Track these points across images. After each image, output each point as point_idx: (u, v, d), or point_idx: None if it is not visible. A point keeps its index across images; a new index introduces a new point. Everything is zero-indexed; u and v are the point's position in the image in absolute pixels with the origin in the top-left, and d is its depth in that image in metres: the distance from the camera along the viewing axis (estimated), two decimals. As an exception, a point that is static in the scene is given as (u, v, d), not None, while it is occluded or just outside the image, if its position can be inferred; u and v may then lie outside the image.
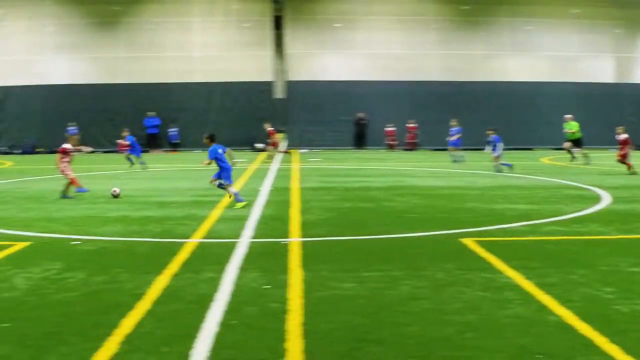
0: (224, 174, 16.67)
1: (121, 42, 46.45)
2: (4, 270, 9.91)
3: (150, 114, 44.22)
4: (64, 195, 18.69)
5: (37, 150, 43.66)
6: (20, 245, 11.83)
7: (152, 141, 44.35)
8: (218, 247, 11.68)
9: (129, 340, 6.85)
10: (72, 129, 42.72)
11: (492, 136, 27.30)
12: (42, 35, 46.24)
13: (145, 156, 34.55)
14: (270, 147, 35.31)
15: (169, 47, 46.16)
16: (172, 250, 11.26)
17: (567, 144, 32.50)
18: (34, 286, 9.01)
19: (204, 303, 8.10)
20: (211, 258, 10.64)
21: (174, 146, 44.78)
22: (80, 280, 9.28)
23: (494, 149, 26.88)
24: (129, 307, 7.95)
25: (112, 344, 6.72)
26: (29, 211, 16.26)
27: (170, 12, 46.21)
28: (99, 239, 12.52)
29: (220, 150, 16.66)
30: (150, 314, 7.73)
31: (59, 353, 6.52)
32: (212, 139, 16.94)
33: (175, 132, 44.77)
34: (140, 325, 7.31)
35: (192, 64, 46.02)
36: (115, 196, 18.39)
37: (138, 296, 8.42)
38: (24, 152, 43.36)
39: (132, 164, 29.26)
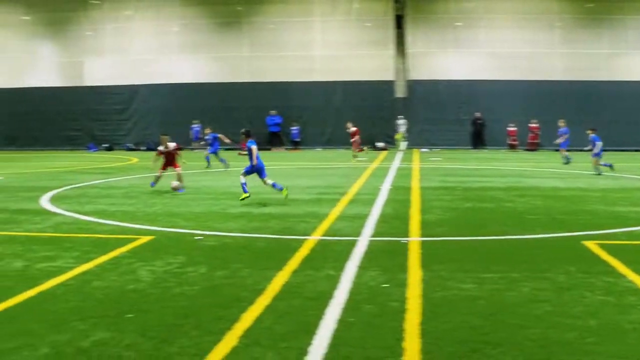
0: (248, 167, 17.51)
1: (244, 42, 47.14)
2: (129, 263, 10.20)
3: (272, 112, 44.75)
4: (178, 189, 19.24)
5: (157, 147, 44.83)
6: (144, 239, 12.15)
7: (273, 139, 44.86)
8: (338, 244, 11.70)
9: (248, 334, 6.93)
10: (195, 126, 43.71)
11: (591, 136, 26.40)
12: (167, 35, 47.40)
13: (267, 154, 34.94)
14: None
15: (291, 46, 46.56)
16: (292, 247, 11.35)
17: None
18: (157, 279, 9.23)
19: (322, 300, 8.12)
20: (331, 255, 10.67)
21: (295, 144, 45.17)
22: (201, 275, 9.46)
23: (594, 150, 25.97)
24: (249, 302, 8.05)
25: (232, 337, 6.81)
26: (153, 206, 16.68)
27: (292, 12, 46.61)
28: (221, 234, 12.73)
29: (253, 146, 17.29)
30: (269, 309, 7.81)
31: (179, 345, 6.66)
32: (247, 134, 17.76)
33: (297, 131, 45.15)
34: (259, 320, 7.39)
35: (313, 63, 46.29)
36: (175, 188, 19.32)
37: (258, 291, 8.52)
38: (148, 149, 44.50)
39: (209, 165, 29.14)
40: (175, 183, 19.35)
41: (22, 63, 49.36)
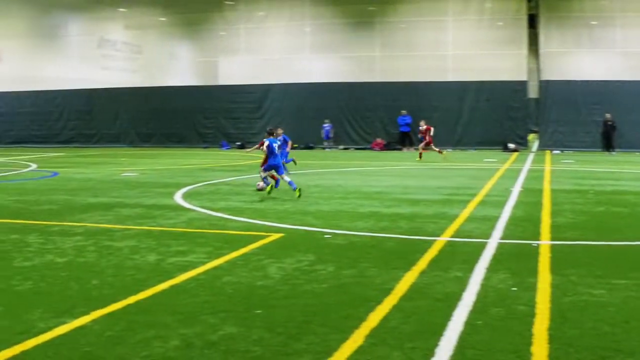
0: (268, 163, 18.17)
1: (376, 42, 47.18)
2: (260, 259, 10.33)
3: (402, 112, 44.60)
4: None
5: (293, 145, 45.31)
6: (274, 237, 12.29)
7: (404, 139, 44.70)
8: (467, 246, 11.53)
9: (374, 334, 6.89)
10: (326, 125, 44.02)
11: None
12: (300, 35, 47.93)
13: (397, 154, 34.91)
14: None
15: (423, 45, 46.29)
16: (421, 247, 11.25)
17: None
18: (287, 276, 9.31)
19: (450, 301, 8.01)
20: (459, 257, 10.52)
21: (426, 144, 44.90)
22: (330, 273, 9.48)
23: None
24: (377, 301, 8.02)
25: (359, 336, 6.79)
26: (284, 204, 16.86)
27: (424, 11, 46.34)
28: (350, 233, 12.75)
29: (275, 144, 18.13)
30: (396, 309, 7.75)
31: (307, 342, 6.67)
32: (270, 133, 18.63)
33: (427, 131, 44.86)
34: (386, 319, 7.35)
35: (445, 62, 45.89)
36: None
37: (386, 291, 8.47)
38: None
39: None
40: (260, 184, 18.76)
41: (159, 63, 50.90)
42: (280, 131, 26.63)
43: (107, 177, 24.04)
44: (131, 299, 8.19)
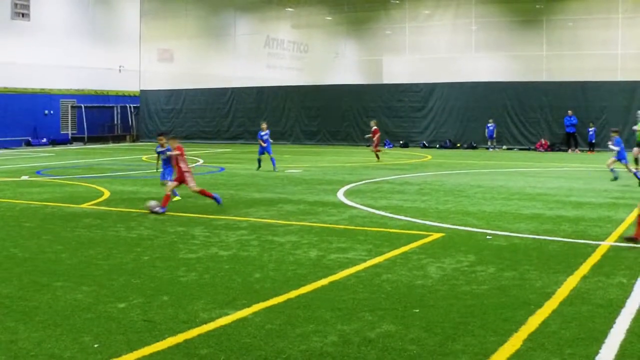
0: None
1: (542, 40, 46.04)
2: (419, 258, 10.32)
3: (569, 112, 43.31)
4: None
5: (456, 145, 44.83)
6: (435, 236, 12.24)
7: (570, 140, 43.42)
8: (632, 251, 11.10)
9: (533, 338, 6.77)
10: (490, 125, 43.35)
11: None
12: (465, 34, 47.40)
13: (561, 155, 33.90)
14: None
15: (590, 44, 44.77)
16: (584, 251, 10.93)
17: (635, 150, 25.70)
18: (446, 276, 9.26)
19: (612, 308, 7.75)
20: (623, 263, 10.15)
21: (591, 146, 43.46)
22: (490, 275, 9.36)
23: None
24: (537, 305, 7.86)
25: (517, 340, 6.69)
26: (445, 204, 16.74)
27: (592, 9, 44.80)
28: (511, 235, 12.53)
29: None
30: (556, 313, 7.57)
31: (464, 343, 6.63)
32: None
33: (593, 132, 43.41)
34: (545, 324, 7.19)
35: (614, 61, 44.22)
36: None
37: (546, 295, 8.29)
38: (441, 147, 44.76)
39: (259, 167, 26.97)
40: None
41: (325, 61, 51.54)
42: (264, 126, 26.16)
43: (271, 174, 24.58)
44: (292, 294, 8.36)
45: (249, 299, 8.10)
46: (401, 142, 46.28)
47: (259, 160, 26.80)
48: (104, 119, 52.90)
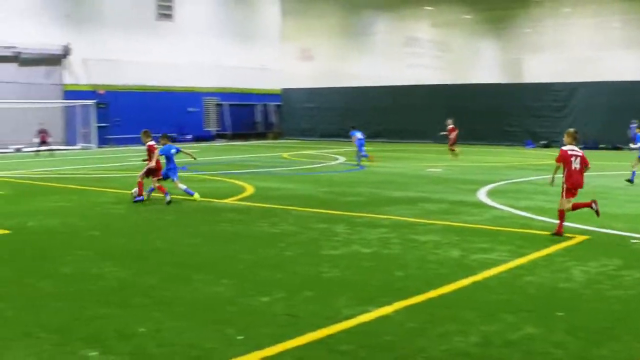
0: None
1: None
2: (563, 261, 10.12)
3: None
4: None
5: (599, 146, 43.55)
6: (579, 239, 11.96)
7: None
8: None
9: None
10: (633, 125, 41.87)
11: None
12: (608, 31, 46.02)
13: None
14: None
15: None
16: None
17: None
18: (591, 280, 9.05)
19: None
20: None
21: None
22: (637, 280, 9.10)
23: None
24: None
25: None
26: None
27: None
28: (659, 239, 12.11)
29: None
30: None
31: (610, 348, 6.48)
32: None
33: None
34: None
35: None
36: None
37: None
38: (584, 147, 43.51)
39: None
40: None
41: (464, 60, 51.03)
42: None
43: (412, 172, 24.56)
44: (433, 293, 8.37)
45: (391, 297, 8.15)
46: (543, 142, 45.30)
47: None
48: (246, 116, 54.04)
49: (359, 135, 29.76)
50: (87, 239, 12.25)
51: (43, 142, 37.40)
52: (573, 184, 12.44)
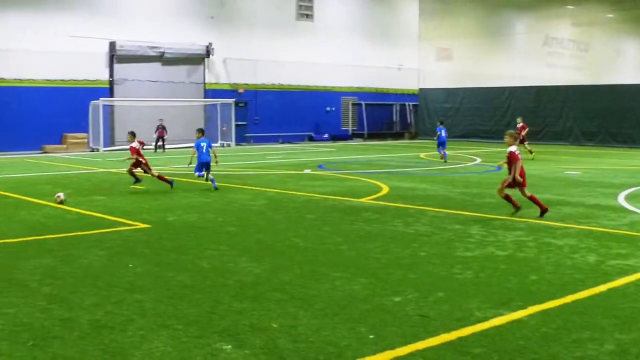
0: None
1: None
2: None
3: None
4: None
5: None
6: None
7: None
8: None
9: None
10: None
11: None
12: None
13: None
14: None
15: None
16: None
17: None
18: None
19: None
20: None
21: None
22: None
23: None
24: None
25: None
26: None
27: None
28: None
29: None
30: None
31: None
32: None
33: None
34: None
35: None
36: (59, 202, 16.70)
37: None
38: None
39: None
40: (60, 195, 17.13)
41: (606, 60, 49.51)
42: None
43: (549, 174, 24.05)
44: (568, 298, 8.23)
45: (525, 301, 8.06)
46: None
47: None
48: (383, 116, 54.13)
49: (442, 132, 30.64)
50: (225, 235, 12.63)
51: (160, 138, 39.06)
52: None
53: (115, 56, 42.53)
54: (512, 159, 14.34)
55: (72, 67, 41.05)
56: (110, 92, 42.62)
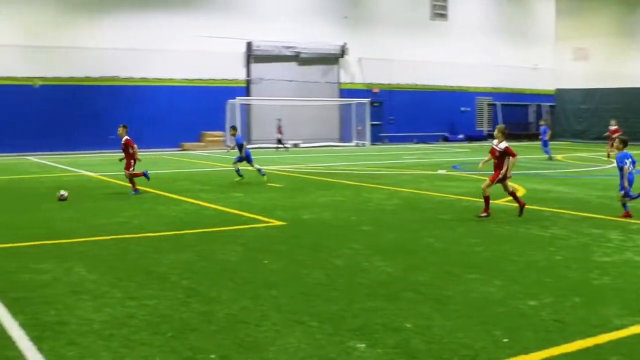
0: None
1: None
2: None
3: None
4: None
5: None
6: None
7: None
8: None
9: None
10: None
11: None
12: None
13: None
14: None
15: None
16: None
17: None
18: None
19: None
20: None
21: None
22: None
23: None
24: None
25: None
26: None
27: None
28: None
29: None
30: None
31: None
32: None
33: None
34: None
35: None
36: (62, 199, 17.17)
37: None
38: None
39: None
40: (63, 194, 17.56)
41: None
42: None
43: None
44: None
45: (665, 309, 7.81)
46: None
47: None
48: (518, 117, 53.26)
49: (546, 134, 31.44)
50: (359, 233, 12.72)
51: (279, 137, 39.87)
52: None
53: (252, 56, 43.45)
54: (508, 154, 14.34)
55: (210, 67, 42.19)
56: (246, 91, 43.53)
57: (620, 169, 14.27)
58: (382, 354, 6.38)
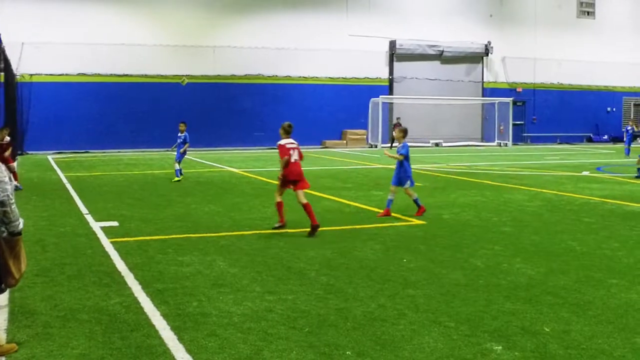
0: None
1: None
2: None
3: None
4: None
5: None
6: None
7: None
8: None
9: None
10: None
11: None
12: None
13: None
14: None
15: None
16: None
17: None
18: None
19: None
20: None
21: None
22: None
23: None
24: None
25: None
26: None
27: None
28: None
29: None
30: None
31: None
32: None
33: None
34: None
35: None
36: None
37: None
38: None
39: None
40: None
41: None
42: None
43: None
44: None
45: None
46: None
47: None
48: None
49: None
50: (499, 234, 12.60)
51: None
52: (292, 175, 12.90)
53: (394, 54, 43.53)
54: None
55: (354, 66, 42.52)
56: (389, 89, 43.65)
57: None
58: (519, 357, 6.33)
